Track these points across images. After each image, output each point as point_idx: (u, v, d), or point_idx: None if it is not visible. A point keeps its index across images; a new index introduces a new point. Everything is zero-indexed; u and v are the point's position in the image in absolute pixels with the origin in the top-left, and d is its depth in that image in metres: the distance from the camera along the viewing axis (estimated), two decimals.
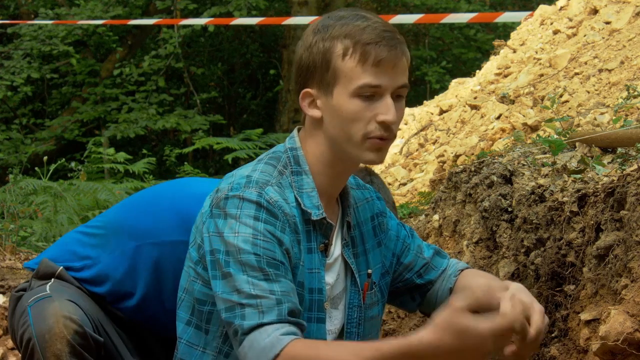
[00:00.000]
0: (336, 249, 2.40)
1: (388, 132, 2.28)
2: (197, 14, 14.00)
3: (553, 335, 2.87)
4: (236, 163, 10.47)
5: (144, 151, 10.90)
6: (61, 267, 2.79)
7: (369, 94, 2.26)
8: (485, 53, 12.35)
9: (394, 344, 2.04)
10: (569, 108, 4.29)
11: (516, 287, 2.22)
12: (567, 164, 3.26)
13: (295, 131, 2.41)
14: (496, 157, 3.56)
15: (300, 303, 2.26)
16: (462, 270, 2.58)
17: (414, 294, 2.61)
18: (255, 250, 2.18)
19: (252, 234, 2.19)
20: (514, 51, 5.77)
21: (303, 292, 2.28)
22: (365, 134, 2.27)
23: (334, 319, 2.39)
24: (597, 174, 3.12)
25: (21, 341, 2.62)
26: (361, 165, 2.67)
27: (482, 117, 5.01)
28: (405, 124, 6.14)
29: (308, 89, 2.32)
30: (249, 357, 2.11)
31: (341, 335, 2.42)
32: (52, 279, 2.77)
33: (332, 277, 2.38)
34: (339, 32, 2.27)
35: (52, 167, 7.61)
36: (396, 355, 2.03)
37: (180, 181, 3.02)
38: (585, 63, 4.71)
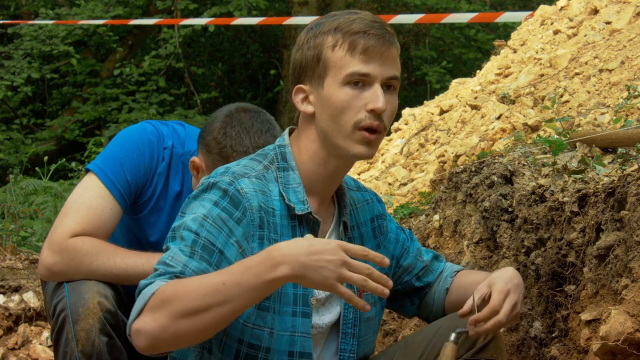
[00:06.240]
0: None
1: (378, 122, 2.28)
2: (197, 14, 14.00)
3: (553, 335, 2.87)
4: None
5: None
6: None
7: (358, 82, 2.28)
8: (486, 53, 12.35)
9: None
10: (570, 108, 4.28)
11: (495, 276, 2.37)
12: (568, 164, 3.26)
13: (286, 131, 2.43)
14: (497, 157, 3.56)
15: (269, 298, 2.27)
16: (457, 271, 2.60)
17: (413, 297, 2.62)
18: (198, 230, 2.21)
19: (203, 216, 2.22)
20: (515, 51, 5.77)
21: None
22: (356, 123, 2.28)
23: (322, 315, 2.39)
24: (598, 174, 3.11)
25: (53, 313, 2.66)
26: None
27: (482, 117, 5.00)
28: (406, 124, 6.14)
29: (301, 85, 2.34)
30: (136, 305, 2.14)
31: (335, 334, 2.43)
32: None
33: None
34: (330, 26, 2.31)
35: (53, 167, 7.62)
36: (247, 261, 2.11)
37: None
38: (586, 63, 4.71)
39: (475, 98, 5.36)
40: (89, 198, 2.74)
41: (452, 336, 2.31)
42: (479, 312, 2.31)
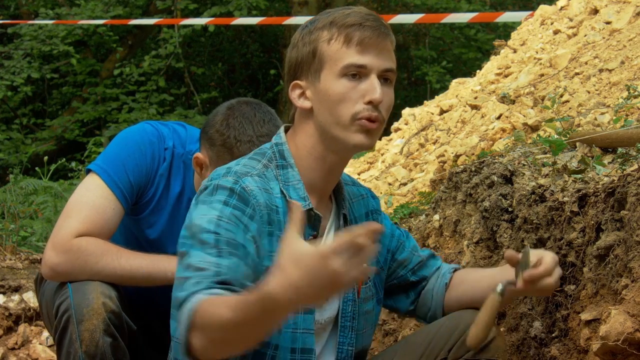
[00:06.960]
0: (327, 243, 2.40)
1: (376, 113, 2.29)
2: (197, 14, 14.00)
3: (553, 335, 2.87)
4: None
5: None
6: None
7: (355, 74, 2.28)
8: (486, 53, 12.35)
9: (254, 294, 1.93)
10: (570, 108, 4.28)
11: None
12: (568, 164, 3.26)
13: (282, 128, 2.44)
14: (497, 157, 3.56)
15: None
16: (456, 269, 2.61)
17: (408, 291, 2.62)
18: (216, 230, 2.17)
19: (217, 216, 2.20)
20: (515, 51, 5.77)
21: None
22: (354, 115, 2.29)
23: (323, 311, 2.39)
24: (598, 174, 3.11)
25: (56, 313, 2.64)
26: None
27: (482, 117, 5.00)
28: (406, 124, 6.14)
29: (297, 81, 2.35)
30: (181, 321, 2.06)
31: (335, 328, 2.43)
32: None
33: None
34: (324, 22, 2.33)
35: (53, 167, 7.62)
36: (256, 303, 1.90)
37: None
38: (586, 63, 4.71)
39: (475, 98, 5.36)
40: (92, 198, 2.74)
41: (499, 287, 2.23)
42: (535, 268, 2.30)
